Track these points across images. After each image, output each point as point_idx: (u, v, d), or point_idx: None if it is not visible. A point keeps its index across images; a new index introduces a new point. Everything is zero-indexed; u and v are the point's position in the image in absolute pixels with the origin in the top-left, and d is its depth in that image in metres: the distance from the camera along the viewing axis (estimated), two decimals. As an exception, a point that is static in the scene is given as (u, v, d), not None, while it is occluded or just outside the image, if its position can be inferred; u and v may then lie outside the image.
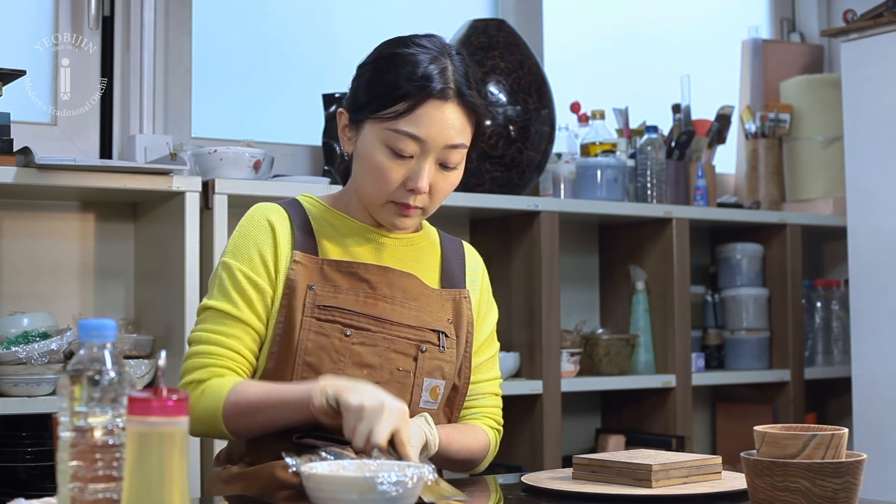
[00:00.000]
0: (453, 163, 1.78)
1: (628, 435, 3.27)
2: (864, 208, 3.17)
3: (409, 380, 1.78)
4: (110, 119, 2.82)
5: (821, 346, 3.70)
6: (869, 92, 3.16)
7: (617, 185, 3.23)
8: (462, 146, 1.78)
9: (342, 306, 1.76)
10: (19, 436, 2.45)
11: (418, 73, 1.74)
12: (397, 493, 1.31)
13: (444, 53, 1.78)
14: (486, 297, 1.96)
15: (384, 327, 1.78)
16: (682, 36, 3.96)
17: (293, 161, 3.08)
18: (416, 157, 1.75)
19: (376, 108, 1.75)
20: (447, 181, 1.79)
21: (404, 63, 1.76)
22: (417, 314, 1.81)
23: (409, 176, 1.75)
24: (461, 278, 1.91)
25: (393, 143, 1.74)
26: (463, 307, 1.88)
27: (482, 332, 1.94)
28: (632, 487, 1.59)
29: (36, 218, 2.71)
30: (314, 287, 1.76)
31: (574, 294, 3.44)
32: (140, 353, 2.57)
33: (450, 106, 1.75)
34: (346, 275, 1.79)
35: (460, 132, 1.76)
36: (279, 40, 3.21)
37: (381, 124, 1.75)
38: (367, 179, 1.78)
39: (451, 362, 1.83)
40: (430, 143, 1.74)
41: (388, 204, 1.78)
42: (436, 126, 1.73)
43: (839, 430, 1.41)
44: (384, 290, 1.80)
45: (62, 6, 2.79)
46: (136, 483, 1.09)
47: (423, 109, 1.73)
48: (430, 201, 1.79)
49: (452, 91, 1.75)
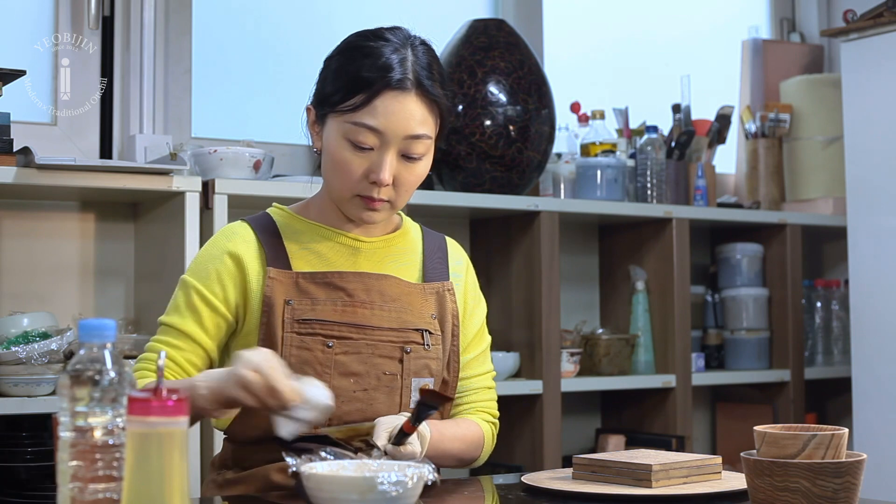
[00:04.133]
0: (417, 153, 1.76)
1: (628, 435, 3.27)
2: (864, 208, 3.17)
3: (396, 382, 1.77)
4: (110, 119, 2.82)
5: (821, 346, 3.70)
6: (869, 92, 3.16)
7: (617, 185, 3.23)
8: (424, 136, 1.76)
9: (321, 318, 1.75)
10: (19, 436, 2.45)
11: (377, 64, 1.73)
12: (397, 493, 1.31)
13: (405, 44, 1.78)
14: (472, 291, 1.94)
15: (366, 334, 1.77)
16: (682, 36, 3.96)
17: (293, 161, 3.08)
18: (376, 148, 1.74)
19: (337, 101, 1.75)
20: (412, 173, 1.77)
21: (365, 55, 1.76)
22: (399, 315, 1.80)
23: (371, 168, 1.74)
24: (444, 271, 1.90)
25: (353, 135, 1.73)
26: (446, 299, 1.86)
27: (471, 328, 1.92)
28: (632, 487, 1.59)
29: (36, 218, 2.71)
30: (291, 302, 1.75)
31: (574, 294, 3.44)
32: (140, 353, 2.57)
33: (409, 96, 1.74)
34: (322, 285, 1.78)
35: (421, 123, 1.75)
36: (279, 40, 3.21)
37: (342, 117, 1.74)
38: (332, 174, 1.78)
39: (438, 359, 1.82)
40: (389, 135, 1.73)
41: (354, 198, 1.77)
42: (394, 117, 1.73)
43: (839, 430, 1.41)
44: (361, 295, 1.78)
45: (62, 6, 2.79)
46: (136, 483, 1.09)
47: (380, 100, 1.72)
48: (396, 194, 1.78)
49: (411, 82, 1.74)
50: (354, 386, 1.74)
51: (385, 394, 1.76)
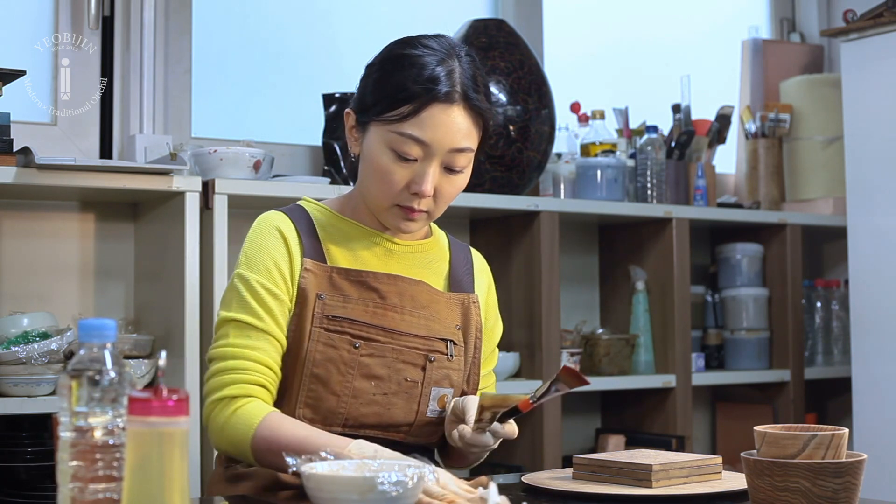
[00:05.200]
0: (459, 166, 1.76)
1: (628, 435, 3.27)
2: (864, 208, 3.17)
3: (416, 390, 1.77)
4: (110, 119, 2.82)
5: (821, 346, 3.70)
6: (869, 92, 3.16)
7: (617, 185, 3.23)
8: (468, 150, 1.76)
9: (351, 317, 1.74)
10: (19, 436, 2.45)
11: (424, 76, 1.72)
12: (397, 493, 1.31)
13: (451, 55, 1.76)
14: (493, 309, 1.96)
15: (393, 338, 1.76)
16: (682, 36, 3.96)
17: (293, 161, 3.08)
18: (420, 160, 1.73)
19: (381, 110, 1.73)
20: (453, 185, 1.77)
21: (411, 65, 1.74)
22: (427, 323, 1.79)
23: (414, 179, 1.73)
24: (469, 283, 1.90)
25: (397, 145, 1.72)
26: (471, 312, 1.87)
27: (489, 344, 1.94)
28: (632, 487, 1.59)
29: (36, 218, 2.71)
30: (323, 296, 1.74)
31: (574, 294, 3.44)
32: (140, 353, 2.57)
33: (456, 109, 1.73)
34: (356, 283, 1.77)
35: (466, 136, 1.75)
36: (279, 40, 3.21)
37: (386, 126, 1.73)
38: (371, 182, 1.77)
39: (460, 370, 1.83)
40: (435, 147, 1.72)
41: (393, 207, 1.77)
42: (441, 129, 1.72)
43: (839, 430, 1.41)
44: (394, 299, 1.78)
45: (62, 6, 2.79)
46: (136, 483, 1.09)
47: (427, 112, 1.71)
48: (436, 205, 1.78)
49: (459, 94, 1.73)
50: (375, 389, 1.74)
51: (404, 400, 1.76)
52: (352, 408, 1.73)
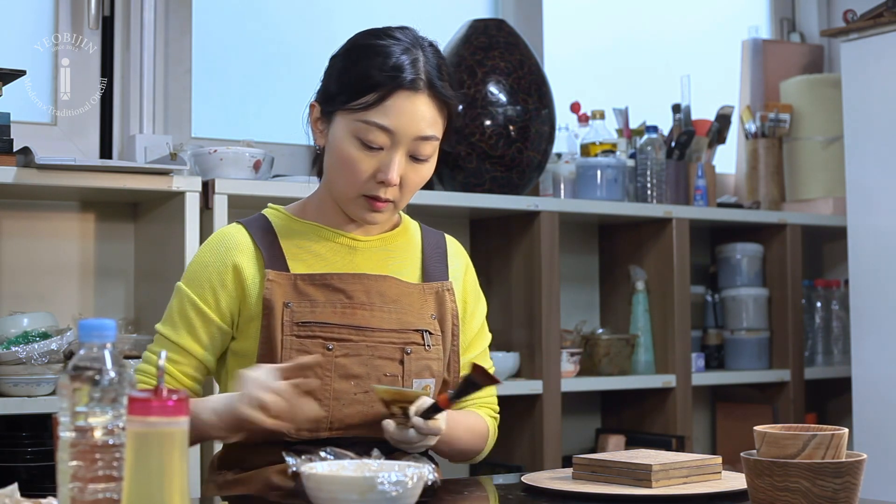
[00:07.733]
0: (424, 155, 1.76)
1: (628, 435, 3.27)
2: (864, 208, 3.17)
3: (397, 384, 1.76)
4: (110, 119, 2.82)
5: (821, 346, 3.70)
6: (869, 92, 3.16)
7: (617, 185, 3.23)
8: (433, 138, 1.76)
9: (321, 320, 1.74)
10: (19, 436, 2.45)
11: (389, 64, 1.73)
12: (397, 493, 1.31)
13: (416, 45, 1.77)
14: (472, 290, 1.94)
15: (366, 335, 1.76)
16: (682, 36, 3.96)
17: (293, 161, 3.08)
18: (386, 148, 1.73)
19: (346, 100, 1.74)
20: (418, 174, 1.77)
21: (375, 54, 1.75)
22: (399, 316, 1.79)
23: (380, 168, 1.74)
24: (443, 271, 1.89)
25: (363, 134, 1.73)
26: (446, 299, 1.86)
27: (472, 327, 1.92)
28: (632, 487, 1.59)
29: (36, 218, 2.71)
30: (290, 304, 1.74)
31: (574, 294, 3.44)
32: (140, 353, 2.57)
33: (420, 97, 1.74)
34: (321, 287, 1.77)
35: (431, 124, 1.75)
36: (279, 40, 3.21)
37: (351, 115, 1.74)
38: (337, 172, 1.77)
39: (439, 359, 1.82)
40: (401, 135, 1.73)
41: (360, 198, 1.77)
42: (405, 117, 1.72)
43: (839, 430, 1.41)
44: (361, 297, 1.78)
45: (62, 6, 2.79)
46: (136, 483, 1.09)
47: (392, 100, 1.72)
48: (401, 194, 1.78)
49: (423, 82, 1.74)
50: (355, 388, 1.74)
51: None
52: (335, 410, 1.72)
